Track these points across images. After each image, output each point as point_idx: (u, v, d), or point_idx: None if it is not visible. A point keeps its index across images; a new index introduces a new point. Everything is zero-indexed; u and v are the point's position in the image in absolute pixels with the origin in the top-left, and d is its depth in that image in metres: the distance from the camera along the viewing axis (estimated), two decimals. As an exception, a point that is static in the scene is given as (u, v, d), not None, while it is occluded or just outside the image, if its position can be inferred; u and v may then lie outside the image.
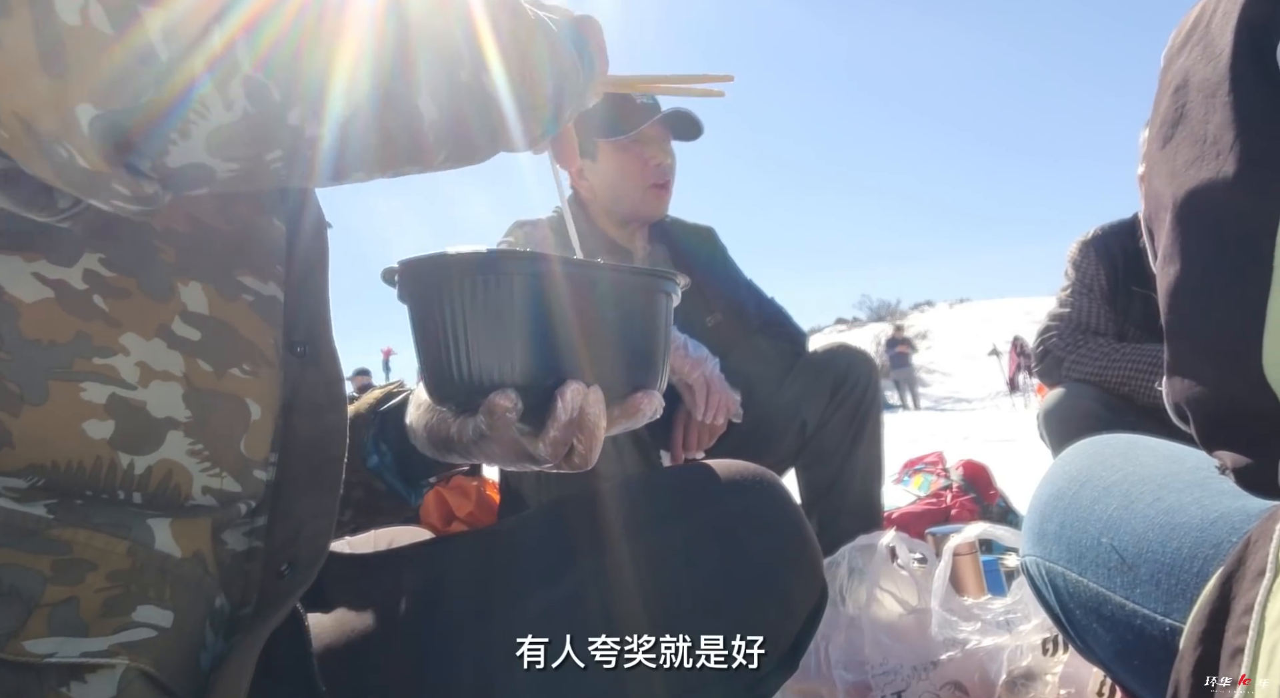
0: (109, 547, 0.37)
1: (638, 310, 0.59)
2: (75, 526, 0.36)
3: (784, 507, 0.57)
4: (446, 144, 0.40)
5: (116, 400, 0.38)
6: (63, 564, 0.35)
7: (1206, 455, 0.46)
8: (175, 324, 0.41)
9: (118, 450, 0.38)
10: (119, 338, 0.39)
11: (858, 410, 1.52)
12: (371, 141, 0.37)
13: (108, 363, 0.38)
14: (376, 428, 0.64)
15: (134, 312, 0.40)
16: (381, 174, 0.41)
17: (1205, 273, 0.42)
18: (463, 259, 0.53)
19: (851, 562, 1.09)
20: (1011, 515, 2.08)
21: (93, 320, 0.38)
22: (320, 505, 0.48)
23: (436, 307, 0.53)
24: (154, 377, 0.40)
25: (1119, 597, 0.47)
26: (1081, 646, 0.55)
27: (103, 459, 0.38)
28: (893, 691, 0.96)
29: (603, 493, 0.58)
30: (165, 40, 0.29)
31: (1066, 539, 0.53)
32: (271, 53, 0.32)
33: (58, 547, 0.35)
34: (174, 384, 0.40)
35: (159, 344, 0.40)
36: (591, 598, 0.52)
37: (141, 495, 0.39)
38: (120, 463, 0.38)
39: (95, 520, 0.37)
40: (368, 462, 0.63)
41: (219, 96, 0.31)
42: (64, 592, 0.35)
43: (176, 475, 0.40)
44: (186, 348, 0.41)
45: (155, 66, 0.29)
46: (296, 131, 0.34)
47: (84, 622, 0.35)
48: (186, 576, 0.39)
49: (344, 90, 0.34)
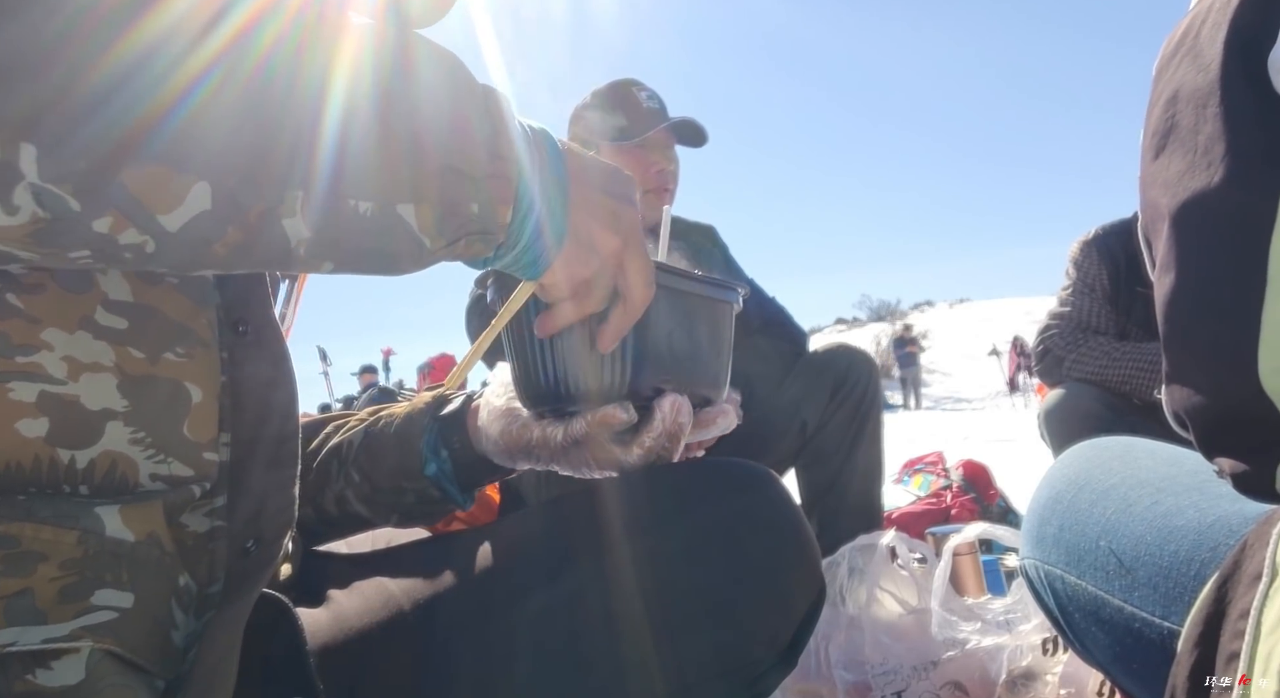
0: (57, 538, 0.36)
1: (719, 322, 0.62)
2: (20, 520, 0.36)
3: (783, 506, 0.57)
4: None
5: (47, 397, 0.38)
6: (12, 557, 0.35)
7: (1205, 459, 0.46)
8: (98, 314, 0.40)
9: (56, 447, 0.38)
10: (40, 334, 0.38)
11: (858, 411, 1.52)
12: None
13: (31, 360, 0.38)
14: (435, 435, 0.64)
15: (53, 306, 0.39)
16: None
17: (1200, 283, 0.42)
18: None
19: (851, 562, 1.09)
20: (1011, 515, 2.08)
21: (10, 319, 0.38)
22: (279, 480, 0.48)
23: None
24: (83, 369, 0.39)
25: (1117, 600, 0.46)
26: (1080, 649, 0.55)
27: (41, 457, 0.37)
28: (893, 691, 0.96)
29: (603, 492, 0.58)
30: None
31: (1065, 543, 0.53)
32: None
33: (5, 542, 0.35)
34: (106, 375, 0.40)
35: (84, 336, 0.39)
36: (591, 597, 0.52)
37: (88, 488, 0.39)
38: (60, 459, 0.38)
39: (41, 514, 0.36)
40: (426, 469, 0.64)
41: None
42: (16, 584, 0.35)
43: (121, 465, 0.40)
44: (114, 337, 0.40)
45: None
46: (107, 238, 0.33)
47: (41, 610, 0.35)
48: (143, 557, 0.39)
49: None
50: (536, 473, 1.31)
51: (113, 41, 0.30)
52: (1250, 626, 0.30)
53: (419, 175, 0.40)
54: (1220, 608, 0.33)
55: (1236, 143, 0.39)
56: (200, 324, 0.44)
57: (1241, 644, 0.30)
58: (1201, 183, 0.41)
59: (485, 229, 0.44)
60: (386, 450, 0.65)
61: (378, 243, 0.40)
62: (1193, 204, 0.41)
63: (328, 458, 0.67)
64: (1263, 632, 0.30)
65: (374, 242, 0.40)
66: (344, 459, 0.66)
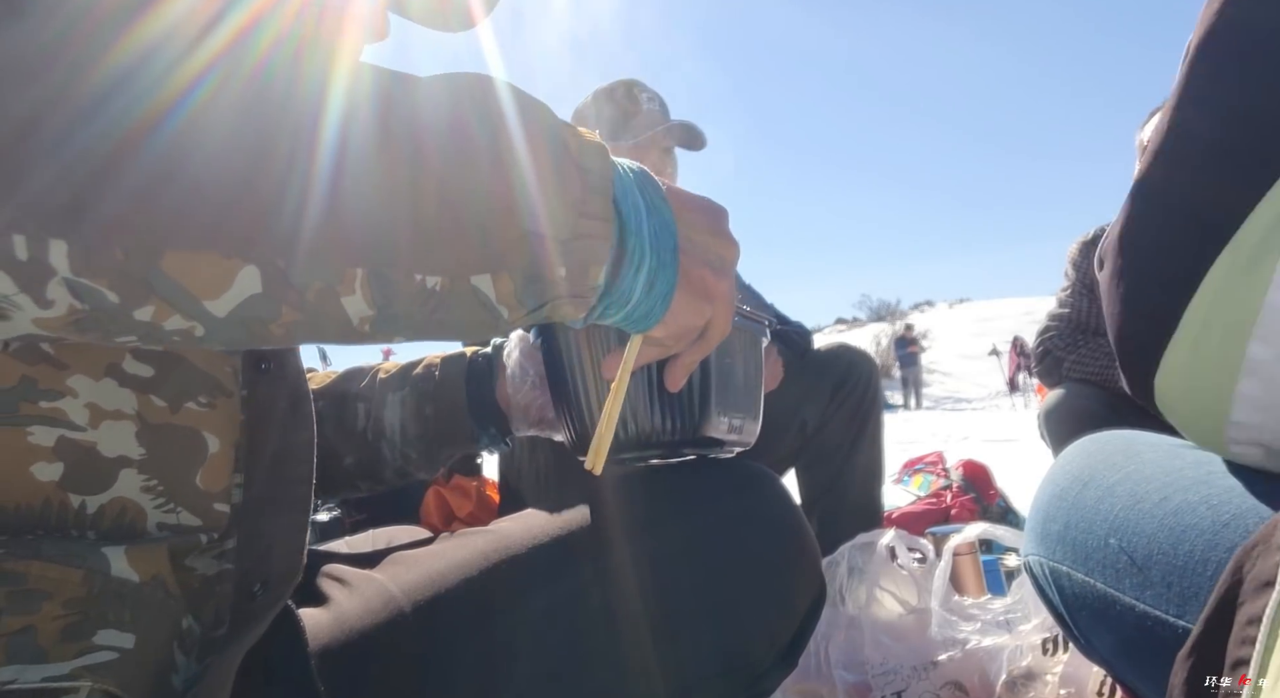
0: (63, 576, 0.36)
1: (758, 355, 0.66)
2: (28, 558, 0.35)
3: (783, 506, 0.57)
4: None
5: (65, 442, 0.38)
6: (16, 595, 0.35)
7: (1205, 452, 0.50)
8: (126, 362, 0.40)
9: (68, 491, 0.37)
10: (66, 380, 0.38)
11: (858, 410, 1.52)
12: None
13: (55, 406, 0.37)
14: (474, 415, 0.69)
15: (81, 353, 0.39)
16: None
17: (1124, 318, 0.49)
18: None
19: (851, 561, 1.09)
20: (1011, 515, 2.08)
21: (38, 364, 0.37)
22: (291, 524, 0.47)
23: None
24: (105, 417, 0.39)
25: (1128, 598, 0.46)
26: (1085, 646, 0.55)
27: (52, 500, 0.37)
28: (893, 691, 0.95)
29: (603, 492, 0.58)
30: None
31: (1071, 540, 0.52)
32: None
33: (11, 578, 0.35)
34: (126, 423, 0.39)
35: (109, 384, 0.39)
36: (592, 597, 0.52)
37: (95, 533, 0.38)
38: (71, 503, 0.38)
39: (47, 553, 0.36)
40: (479, 444, 0.69)
41: (28, 297, 0.29)
42: (19, 621, 0.34)
43: (130, 513, 0.39)
44: (138, 385, 0.40)
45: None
46: (151, 325, 0.32)
47: (42, 648, 0.34)
48: (147, 598, 0.38)
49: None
50: (537, 473, 1.31)
51: (109, 47, 0.30)
52: (1263, 635, 0.30)
53: (497, 243, 0.36)
54: (1225, 614, 0.33)
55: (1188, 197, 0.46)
56: (225, 372, 0.44)
57: (1251, 651, 0.30)
58: (1153, 222, 0.48)
59: (574, 293, 0.40)
60: (437, 431, 0.69)
61: (450, 317, 0.37)
62: (1134, 239, 0.49)
63: (375, 441, 0.71)
64: (1278, 643, 0.30)
65: (446, 316, 0.37)
66: (393, 442, 0.70)
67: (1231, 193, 0.42)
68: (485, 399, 0.68)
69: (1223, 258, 0.42)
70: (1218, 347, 0.42)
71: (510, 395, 0.68)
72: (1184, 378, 0.45)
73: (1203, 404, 0.44)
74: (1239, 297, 0.41)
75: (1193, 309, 0.43)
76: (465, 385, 0.68)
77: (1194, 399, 0.45)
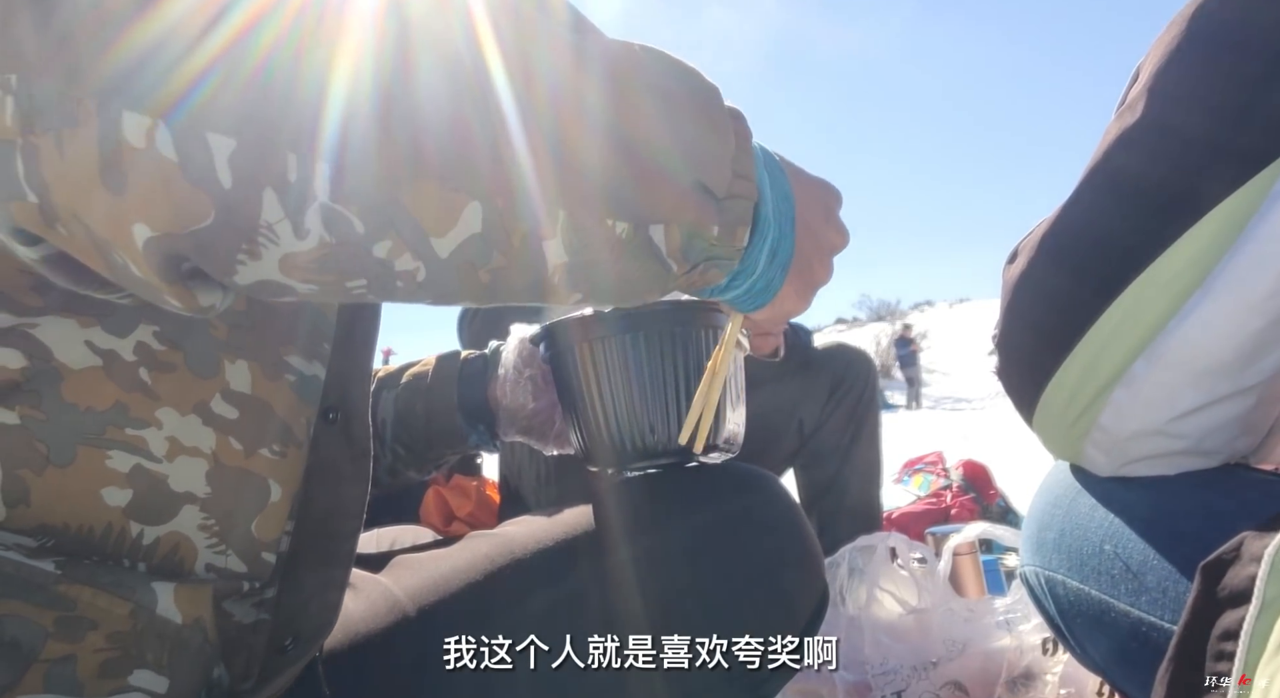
0: (111, 606, 0.36)
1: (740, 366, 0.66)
2: (82, 583, 0.36)
3: (784, 507, 0.57)
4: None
5: (139, 471, 0.38)
6: (65, 621, 0.35)
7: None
8: (214, 402, 0.40)
9: (130, 519, 0.38)
10: (155, 411, 0.38)
11: (856, 410, 1.52)
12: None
13: (139, 434, 0.38)
14: (464, 413, 0.68)
15: (176, 387, 0.39)
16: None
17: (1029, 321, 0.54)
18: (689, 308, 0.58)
19: (851, 562, 1.09)
20: (1011, 515, 2.08)
21: (133, 392, 0.38)
22: (330, 579, 0.47)
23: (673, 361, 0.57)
24: (181, 452, 0.39)
25: (1123, 604, 0.46)
26: (1081, 654, 0.55)
27: (114, 526, 0.38)
28: (893, 691, 0.95)
29: (603, 494, 0.58)
30: (230, 169, 0.28)
31: (1066, 547, 0.52)
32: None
33: (63, 602, 0.35)
34: (200, 461, 0.40)
35: (194, 420, 0.40)
36: (592, 599, 0.52)
37: (146, 566, 0.39)
38: (130, 531, 0.38)
39: (101, 580, 0.36)
40: (469, 441, 0.69)
41: (289, 224, 0.29)
42: (63, 648, 0.34)
43: (182, 549, 0.40)
44: (221, 425, 0.41)
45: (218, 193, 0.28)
46: (384, 264, 0.32)
47: (80, 681, 0.35)
48: (186, 642, 0.39)
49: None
50: (537, 473, 1.31)
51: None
52: (1241, 649, 0.30)
53: (669, 193, 0.36)
54: (1197, 627, 0.33)
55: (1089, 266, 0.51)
56: (299, 422, 0.44)
57: (1229, 666, 0.30)
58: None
59: (724, 254, 0.39)
60: (427, 430, 0.69)
61: (629, 269, 0.37)
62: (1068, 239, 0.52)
63: None
64: (1261, 657, 0.30)
65: (626, 267, 0.37)
66: (384, 439, 0.69)
67: (1156, 226, 0.46)
68: (476, 397, 0.68)
69: (1135, 285, 0.46)
70: (1111, 361, 0.47)
71: (500, 397, 0.67)
72: (1073, 383, 0.49)
73: (1080, 408, 0.49)
74: (1145, 321, 0.45)
75: (1101, 324, 0.47)
76: (458, 383, 0.68)
77: (1074, 403, 0.49)
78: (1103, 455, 0.50)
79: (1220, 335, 0.44)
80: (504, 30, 0.32)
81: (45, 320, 0.36)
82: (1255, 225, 0.43)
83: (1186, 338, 0.44)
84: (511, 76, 0.32)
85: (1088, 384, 0.48)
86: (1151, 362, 0.45)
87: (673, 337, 0.58)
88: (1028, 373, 0.53)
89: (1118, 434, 0.48)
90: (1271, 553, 0.31)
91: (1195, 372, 0.45)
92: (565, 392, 0.62)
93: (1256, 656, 0.30)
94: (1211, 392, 0.45)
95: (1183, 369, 0.45)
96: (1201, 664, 0.32)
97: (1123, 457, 0.49)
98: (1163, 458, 0.48)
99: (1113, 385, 0.47)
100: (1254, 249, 0.43)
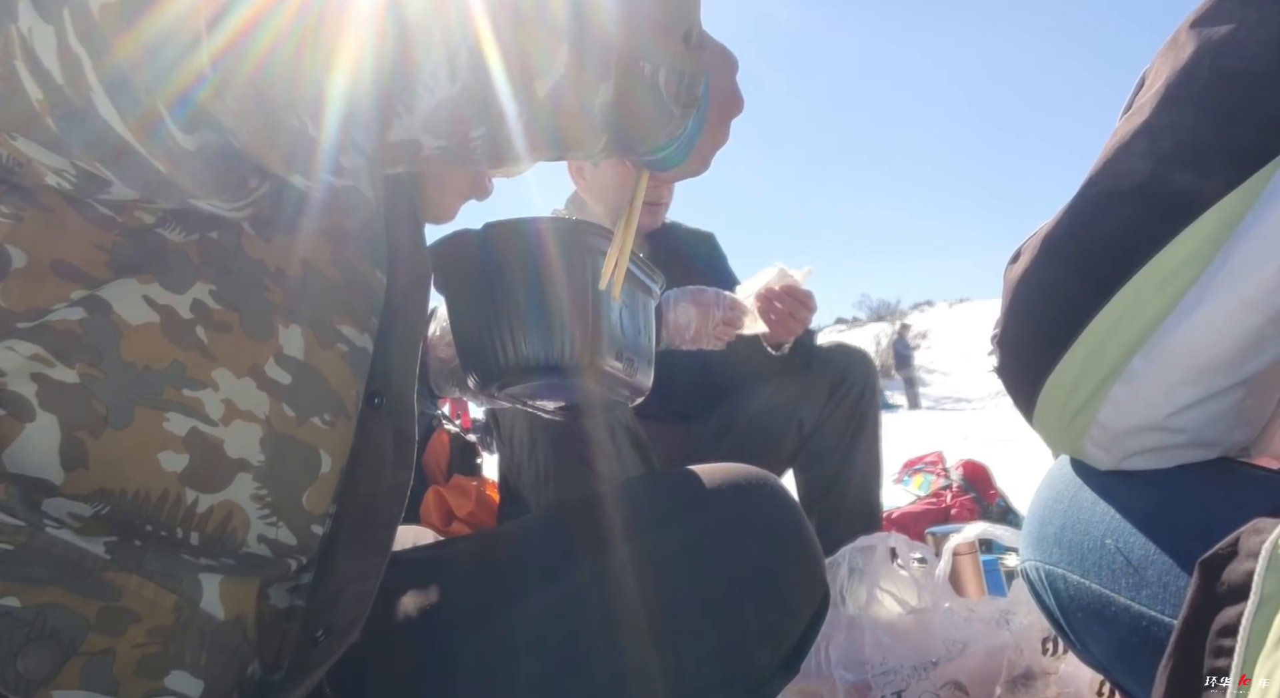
0: (157, 599, 0.36)
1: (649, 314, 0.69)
2: (129, 570, 0.35)
3: (784, 508, 0.57)
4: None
5: (196, 435, 0.38)
6: (108, 612, 0.34)
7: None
8: (269, 365, 0.40)
9: (186, 485, 0.38)
10: (212, 372, 0.39)
11: (855, 410, 1.52)
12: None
13: (196, 396, 0.38)
14: None
15: (231, 348, 0.39)
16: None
17: (1031, 317, 0.55)
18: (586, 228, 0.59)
19: (852, 562, 1.09)
20: (1011, 515, 2.08)
21: (190, 351, 0.38)
22: (367, 566, 0.47)
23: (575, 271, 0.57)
24: (237, 416, 0.39)
25: (1124, 599, 0.47)
26: (1081, 649, 0.55)
27: (170, 492, 0.37)
28: (893, 691, 0.95)
29: (603, 494, 0.58)
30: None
31: (1067, 542, 0.53)
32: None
33: (108, 592, 0.35)
34: (255, 426, 0.40)
35: (249, 383, 0.40)
36: (592, 599, 0.52)
37: (199, 537, 0.38)
38: (186, 498, 0.38)
39: (150, 567, 0.36)
40: None
41: (447, 67, 0.32)
42: (103, 642, 0.34)
43: (235, 519, 0.39)
44: (275, 390, 0.41)
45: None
46: (501, 113, 0.34)
47: (116, 679, 0.34)
48: (225, 641, 0.38)
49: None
50: (537, 473, 1.31)
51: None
52: (1240, 644, 0.30)
53: (670, 37, 0.39)
54: (1199, 619, 0.34)
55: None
56: (350, 395, 0.44)
57: (1228, 663, 0.31)
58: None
59: (689, 101, 0.42)
60: None
61: (650, 112, 0.40)
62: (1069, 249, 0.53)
63: None
64: (1261, 652, 0.30)
65: (650, 110, 0.40)
66: None
67: (1155, 223, 0.47)
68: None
69: (1133, 282, 0.47)
70: (1109, 357, 0.48)
71: (432, 349, 0.72)
72: (1071, 379, 0.50)
73: (1079, 404, 0.50)
74: (1143, 317, 0.46)
75: (1099, 321, 0.48)
76: None
77: (1073, 399, 0.50)
78: (1102, 451, 0.51)
79: (1220, 332, 0.44)
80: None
81: (111, 283, 0.37)
82: (1251, 223, 0.44)
83: (1186, 335, 0.45)
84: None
85: (1086, 381, 0.49)
86: (1150, 358, 0.46)
87: (542, 247, 0.58)
88: (1027, 371, 0.53)
89: (1116, 430, 0.49)
90: (1269, 549, 0.32)
91: (1194, 368, 0.45)
92: (463, 310, 0.62)
93: (1255, 651, 0.30)
94: (1209, 387, 0.46)
95: (1181, 366, 0.46)
96: (1200, 661, 0.32)
97: (1122, 451, 0.50)
98: (1162, 451, 0.49)
99: (1111, 381, 0.48)
100: (1251, 247, 0.43)
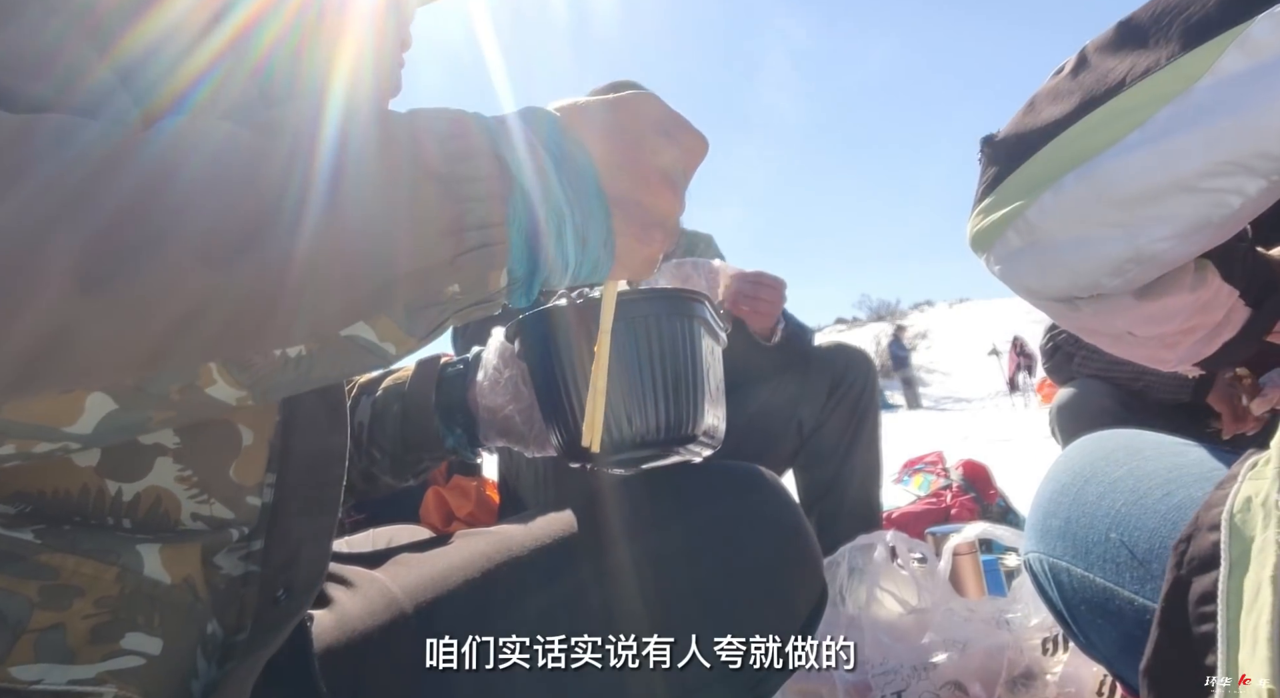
0: (97, 573, 0.36)
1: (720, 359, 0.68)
2: (63, 551, 0.35)
3: (783, 507, 0.57)
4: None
5: None
6: (50, 590, 0.34)
7: (1209, 451, 0.51)
8: None
9: (105, 478, 0.38)
10: None
11: (855, 410, 1.52)
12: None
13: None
14: (442, 414, 0.67)
15: None
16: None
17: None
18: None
19: (851, 562, 1.09)
20: (1011, 515, 2.08)
21: None
22: (318, 527, 0.47)
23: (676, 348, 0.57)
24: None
25: (1128, 592, 0.47)
26: (1084, 642, 0.55)
27: (90, 486, 0.37)
28: (893, 690, 0.95)
29: (603, 493, 0.58)
30: None
31: (1072, 535, 0.53)
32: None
33: (45, 572, 0.35)
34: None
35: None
36: (591, 598, 0.52)
37: (131, 522, 0.38)
38: (109, 490, 0.38)
39: (84, 547, 0.36)
40: (445, 444, 0.67)
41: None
42: (51, 617, 0.34)
43: (165, 502, 0.39)
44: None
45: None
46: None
47: (71, 649, 0.34)
48: (176, 602, 0.38)
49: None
50: (536, 473, 1.31)
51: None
52: (1221, 609, 0.32)
53: (363, 293, 0.32)
54: (1179, 590, 0.35)
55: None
56: None
57: (1214, 626, 0.32)
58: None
59: (476, 301, 0.37)
60: (403, 431, 0.67)
61: (330, 368, 0.34)
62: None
63: None
64: (1240, 613, 0.31)
65: (324, 370, 0.34)
66: (360, 441, 0.68)
67: (1140, 63, 0.50)
68: (454, 399, 0.67)
69: (1102, 109, 0.51)
70: (1055, 165, 0.53)
71: (480, 398, 0.66)
72: (1020, 183, 0.55)
73: (1016, 199, 0.55)
74: (1094, 140, 0.51)
75: (1062, 137, 0.52)
76: (436, 384, 0.68)
77: (1012, 196, 0.55)
78: (1017, 236, 0.55)
79: (1134, 176, 0.49)
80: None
81: None
82: (1205, 87, 0.47)
83: (1113, 169, 0.49)
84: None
85: (1031, 182, 0.54)
86: (1079, 178, 0.51)
87: (645, 323, 0.57)
88: (1009, 160, 0.57)
89: (1037, 227, 0.54)
90: (1226, 519, 0.34)
91: (1111, 200, 0.50)
92: (539, 385, 0.62)
93: (1235, 612, 0.31)
94: (1113, 222, 0.51)
95: (1102, 195, 0.50)
96: (1184, 640, 0.33)
97: (1031, 242, 0.55)
98: (1047, 258, 0.54)
99: (1045, 187, 0.53)
100: (1189, 110, 0.47)
